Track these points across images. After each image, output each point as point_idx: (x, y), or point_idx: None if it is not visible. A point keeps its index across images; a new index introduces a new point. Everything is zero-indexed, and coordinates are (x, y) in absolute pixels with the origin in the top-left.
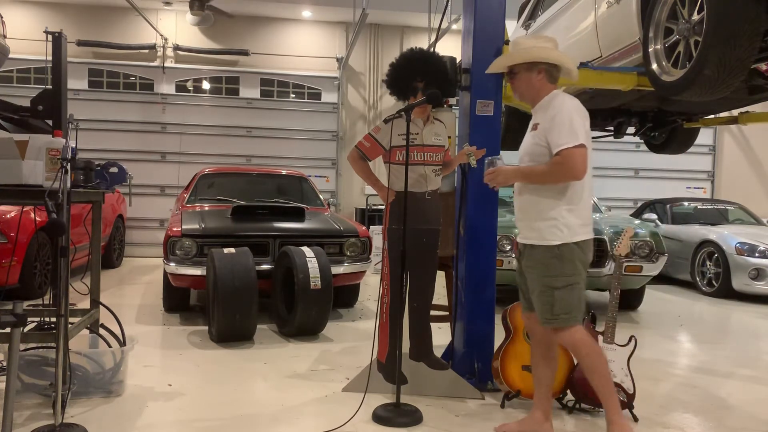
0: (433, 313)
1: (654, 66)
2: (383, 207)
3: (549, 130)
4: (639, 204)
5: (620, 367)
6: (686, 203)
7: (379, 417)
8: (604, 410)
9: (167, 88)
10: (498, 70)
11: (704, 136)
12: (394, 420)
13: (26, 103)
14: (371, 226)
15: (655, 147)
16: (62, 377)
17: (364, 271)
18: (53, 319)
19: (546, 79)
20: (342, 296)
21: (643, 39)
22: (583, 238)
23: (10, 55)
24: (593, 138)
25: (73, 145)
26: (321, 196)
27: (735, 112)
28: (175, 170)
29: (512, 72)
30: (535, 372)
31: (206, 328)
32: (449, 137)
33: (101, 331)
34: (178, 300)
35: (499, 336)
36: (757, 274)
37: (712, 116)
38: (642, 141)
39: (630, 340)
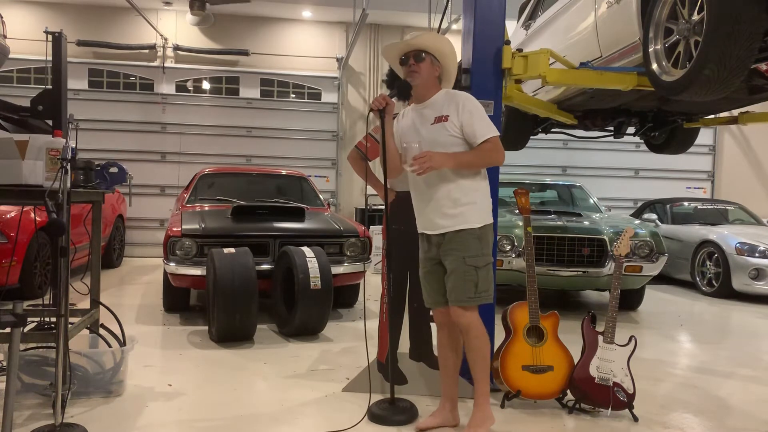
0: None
1: (654, 66)
2: (383, 207)
3: (470, 122)
4: (639, 204)
5: (620, 367)
6: (686, 203)
7: (374, 415)
8: (475, 393)
9: (167, 88)
10: (414, 48)
11: (704, 136)
12: (389, 418)
13: (26, 103)
14: (371, 226)
15: (655, 147)
16: (62, 377)
17: (364, 271)
18: (53, 319)
19: (438, 76)
20: (342, 296)
21: (643, 39)
22: (492, 220)
23: (10, 55)
24: (594, 138)
25: (73, 145)
26: (321, 196)
27: (735, 112)
28: (175, 170)
29: (420, 56)
30: (445, 363)
31: (206, 328)
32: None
33: (101, 331)
34: (178, 300)
35: (499, 336)
36: (757, 274)
37: (712, 116)
38: (642, 141)
39: (630, 340)
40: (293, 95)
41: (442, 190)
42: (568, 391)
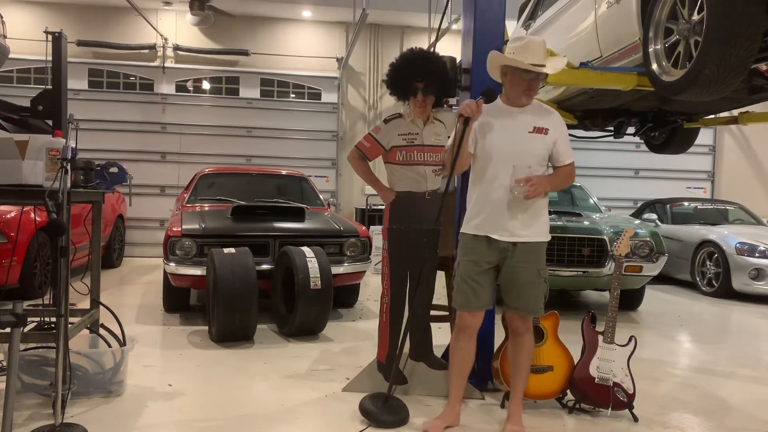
0: (433, 313)
1: (654, 66)
2: (383, 207)
3: (560, 142)
4: (639, 204)
5: (620, 367)
6: (686, 203)
7: (364, 410)
8: (516, 394)
9: (167, 88)
10: (537, 62)
11: (704, 136)
12: (379, 417)
13: (26, 103)
14: (371, 226)
15: (655, 147)
16: (62, 377)
17: (364, 271)
18: (53, 319)
19: None
20: (342, 296)
21: (643, 39)
22: None
23: (10, 55)
24: (593, 138)
25: (73, 145)
26: (321, 196)
27: (735, 112)
28: (175, 170)
29: (541, 77)
30: (461, 365)
31: (206, 328)
32: (449, 137)
33: (101, 331)
34: (178, 300)
35: (499, 336)
36: (757, 274)
37: (712, 116)
38: (642, 141)
39: (630, 340)
40: (293, 95)
41: (534, 203)
42: (568, 391)
